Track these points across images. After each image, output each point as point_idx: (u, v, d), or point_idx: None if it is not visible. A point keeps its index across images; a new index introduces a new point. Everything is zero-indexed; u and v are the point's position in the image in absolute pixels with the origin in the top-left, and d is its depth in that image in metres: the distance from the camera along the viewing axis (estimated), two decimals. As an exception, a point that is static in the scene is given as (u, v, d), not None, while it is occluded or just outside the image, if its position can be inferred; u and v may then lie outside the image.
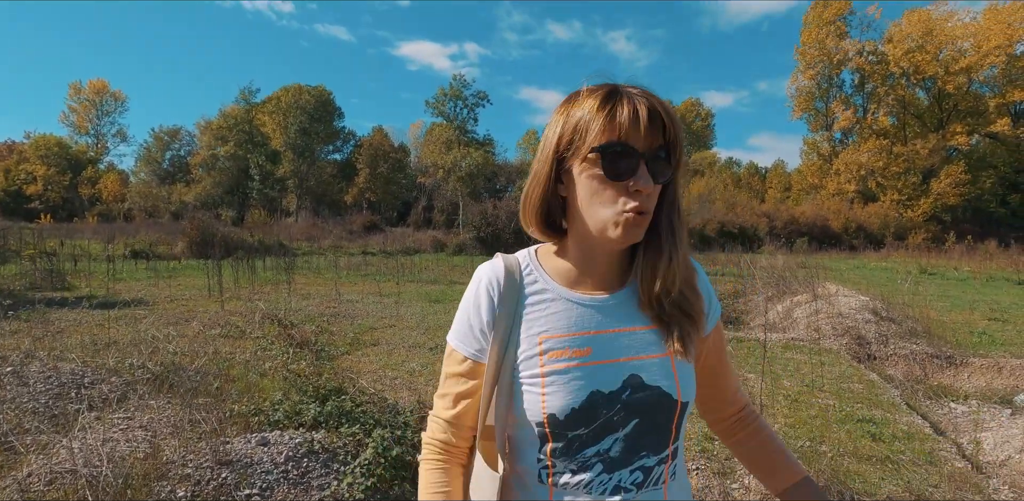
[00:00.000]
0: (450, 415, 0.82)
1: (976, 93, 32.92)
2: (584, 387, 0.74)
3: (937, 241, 26.11)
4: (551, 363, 0.75)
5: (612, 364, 0.76)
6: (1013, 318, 7.61)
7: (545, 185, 0.77)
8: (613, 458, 0.75)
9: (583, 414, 0.73)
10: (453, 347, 0.82)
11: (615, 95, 0.72)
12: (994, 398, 4.65)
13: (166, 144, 49.98)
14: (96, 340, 4.57)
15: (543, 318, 0.78)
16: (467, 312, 0.82)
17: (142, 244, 17.19)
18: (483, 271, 0.83)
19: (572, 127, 0.74)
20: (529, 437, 0.77)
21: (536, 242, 0.87)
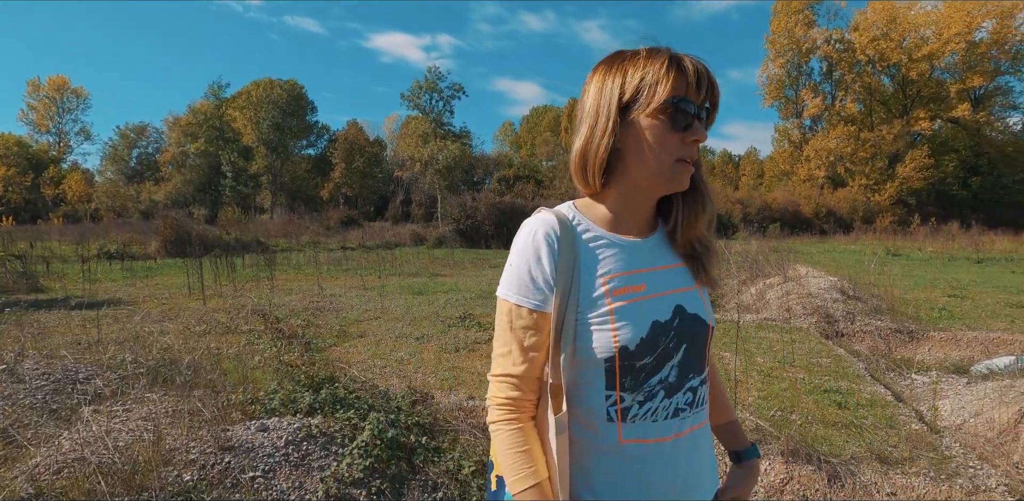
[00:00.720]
0: (520, 370, 0.83)
1: (938, 79, 33.92)
2: (646, 318, 0.83)
3: (903, 224, 27.01)
4: (617, 300, 0.83)
5: (663, 296, 0.87)
6: (971, 294, 8.02)
7: (612, 136, 0.83)
8: (671, 383, 0.85)
9: (649, 343, 0.82)
10: (515, 302, 0.83)
11: (677, 58, 0.82)
12: (952, 368, 4.95)
13: (133, 142, 48.68)
14: (80, 339, 4.57)
15: (602, 260, 0.85)
16: (526, 265, 0.83)
17: (115, 244, 16.85)
18: (535, 224, 0.85)
19: (638, 82, 0.81)
20: (594, 378, 0.83)
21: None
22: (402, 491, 2.51)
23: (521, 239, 0.85)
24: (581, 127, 0.86)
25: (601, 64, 0.87)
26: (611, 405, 0.83)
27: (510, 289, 0.84)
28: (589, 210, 0.90)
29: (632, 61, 0.83)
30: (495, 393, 0.86)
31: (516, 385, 0.84)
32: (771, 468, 2.63)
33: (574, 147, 0.88)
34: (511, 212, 20.53)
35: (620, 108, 0.82)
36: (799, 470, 2.58)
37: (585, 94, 0.87)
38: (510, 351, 0.84)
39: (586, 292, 0.83)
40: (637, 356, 0.81)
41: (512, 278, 0.84)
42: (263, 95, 42.64)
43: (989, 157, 33.85)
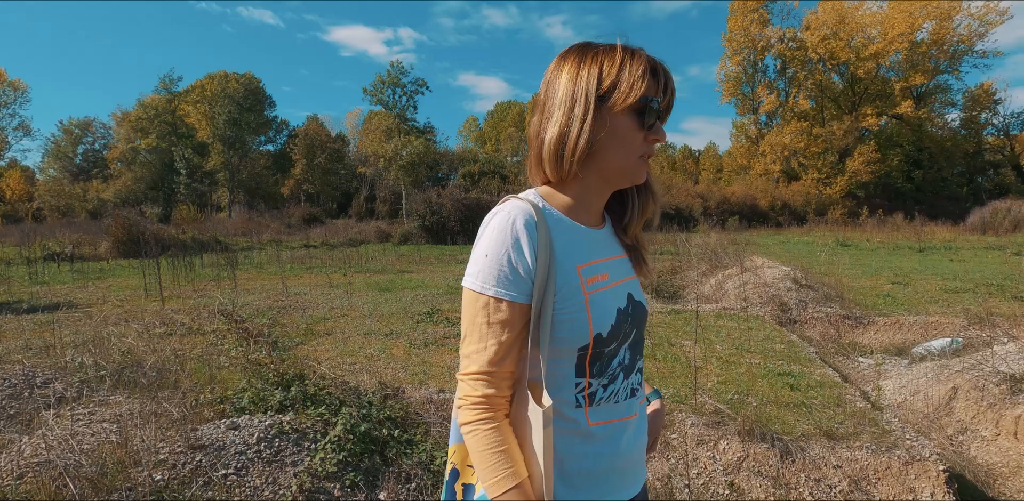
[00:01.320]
0: (497, 368, 0.81)
1: (883, 77, 35.47)
2: (613, 306, 0.87)
3: (853, 215, 28.23)
4: (591, 288, 0.85)
5: (620, 285, 0.91)
6: (912, 281, 8.51)
7: (592, 127, 0.83)
8: (627, 365, 0.91)
9: (616, 328, 0.86)
10: (493, 295, 0.80)
11: (652, 60, 0.85)
12: (894, 351, 5.28)
13: (77, 138, 46.42)
14: (32, 343, 4.41)
15: (574, 249, 0.86)
16: (506, 254, 0.80)
17: (61, 245, 16.09)
18: (514, 210, 0.82)
19: (615, 76, 0.82)
20: (565, 368, 0.84)
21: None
22: (376, 483, 2.56)
23: (497, 227, 0.81)
24: (554, 113, 0.85)
25: (573, 52, 0.87)
26: (579, 392, 0.85)
27: (487, 281, 0.80)
28: (552, 199, 0.90)
29: (608, 55, 0.84)
30: (468, 392, 0.82)
31: (492, 382, 0.81)
32: (728, 447, 2.78)
33: (548, 133, 0.86)
34: (476, 208, 20.54)
35: (597, 99, 0.83)
36: (754, 448, 2.75)
37: (555, 80, 0.87)
38: (486, 347, 0.81)
39: (563, 281, 0.82)
40: (607, 342, 0.84)
41: (489, 269, 0.80)
42: (218, 89, 41.22)
43: (930, 152, 35.70)
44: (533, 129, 0.90)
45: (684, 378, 3.80)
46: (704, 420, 3.02)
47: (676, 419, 3.06)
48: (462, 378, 0.83)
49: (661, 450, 2.85)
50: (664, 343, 4.89)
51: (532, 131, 0.91)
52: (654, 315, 6.23)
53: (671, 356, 4.45)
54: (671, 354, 4.52)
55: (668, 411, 3.19)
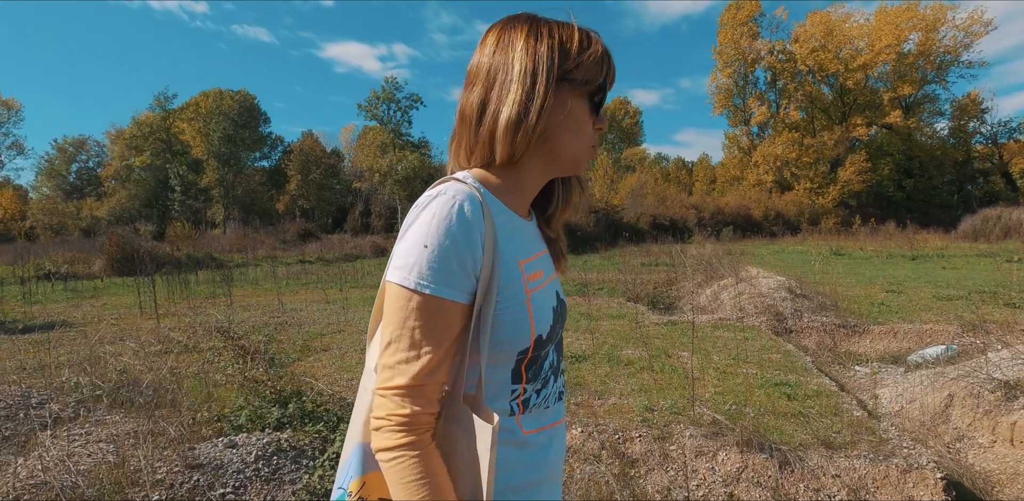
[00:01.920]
0: (426, 378, 0.69)
1: (872, 88, 36.02)
2: (549, 304, 0.80)
3: (846, 224, 28.44)
4: (532, 286, 0.77)
5: (551, 282, 0.85)
6: (906, 289, 8.56)
7: (552, 107, 0.75)
8: (555, 367, 0.85)
9: (553, 329, 0.80)
10: (432, 293, 0.68)
11: (603, 44, 0.80)
12: (890, 359, 5.31)
13: (71, 156, 46.38)
14: (24, 364, 4.38)
15: (514, 242, 0.78)
16: (451, 245, 0.68)
17: (55, 264, 16.01)
18: (458, 195, 0.71)
19: (579, 57, 0.76)
20: (502, 374, 0.76)
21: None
22: None
23: (439, 212, 0.69)
24: (509, 87, 0.75)
25: (522, 22, 0.79)
26: (514, 399, 0.78)
27: (424, 276, 0.67)
28: (488, 184, 0.79)
29: (566, 31, 0.78)
30: (390, 411, 0.68)
31: (421, 398, 0.69)
32: (727, 458, 2.79)
33: (505, 109, 0.74)
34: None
35: (558, 78, 0.75)
36: (753, 459, 2.75)
37: (504, 51, 0.77)
38: (418, 356, 0.68)
39: (507, 278, 0.73)
40: (545, 344, 0.78)
41: (428, 262, 0.67)
42: (213, 106, 41.41)
43: (920, 161, 36.14)
44: (474, 102, 0.77)
45: (682, 389, 3.81)
46: (703, 431, 3.02)
47: (675, 431, 3.06)
48: (383, 393, 0.69)
49: (660, 462, 2.85)
50: (661, 354, 4.89)
51: (473, 104, 0.77)
52: (651, 327, 6.25)
53: (668, 367, 4.46)
54: (668, 365, 4.52)
55: (667, 422, 3.19)
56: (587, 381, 4.09)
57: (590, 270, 11.84)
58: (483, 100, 0.77)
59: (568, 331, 6.05)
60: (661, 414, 3.35)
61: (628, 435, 3.05)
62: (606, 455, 2.89)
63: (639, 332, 5.77)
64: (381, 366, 0.70)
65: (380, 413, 0.69)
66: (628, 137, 54.48)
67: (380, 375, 0.71)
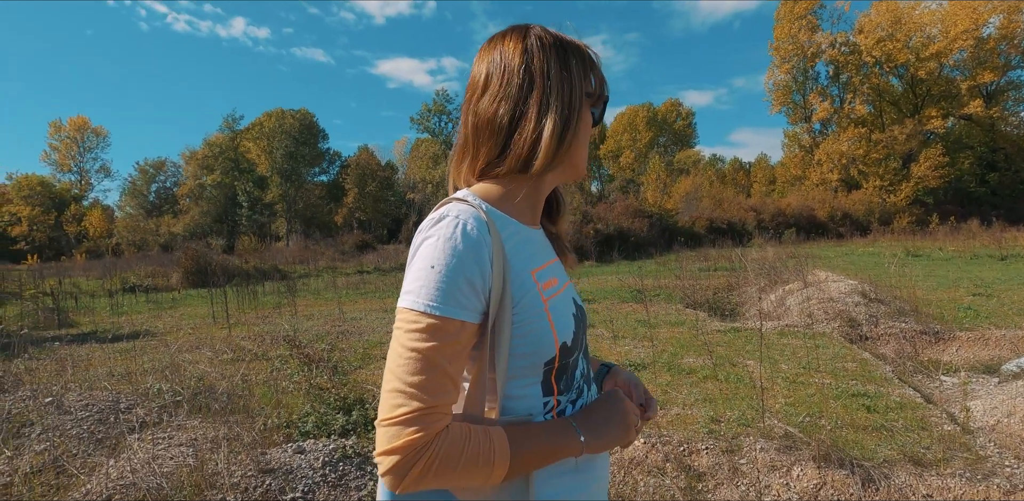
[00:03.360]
0: (436, 400, 0.64)
1: (948, 77, 33.70)
2: (568, 311, 0.80)
3: (921, 224, 26.63)
4: (548, 294, 0.77)
5: (567, 288, 0.85)
6: (996, 292, 7.89)
7: (580, 125, 0.79)
8: (586, 375, 0.84)
9: (576, 336, 0.79)
10: (442, 315, 0.65)
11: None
12: (981, 368, 4.88)
13: (151, 177, 49.99)
14: (113, 371, 4.71)
15: (525, 253, 0.78)
16: (458, 266, 0.67)
17: (138, 277, 17.24)
18: (462, 215, 0.71)
19: (590, 74, 0.81)
20: (532, 387, 0.75)
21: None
22: (438, 508, 2.56)
23: (444, 234, 0.68)
24: (551, 103, 0.75)
25: (550, 38, 0.79)
26: (548, 412, 0.75)
27: (434, 298, 0.66)
28: (492, 198, 0.79)
29: (579, 50, 0.81)
30: (404, 439, 0.61)
31: (430, 420, 0.63)
32: (803, 473, 2.63)
33: (550, 123, 0.75)
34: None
35: (584, 94, 0.80)
36: (832, 475, 2.58)
37: (539, 64, 0.77)
38: (428, 380, 0.64)
39: (520, 290, 0.72)
40: (571, 351, 0.77)
41: (436, 284, 0.66)
42: (275, 125, 43.72)
43: (1006, 153, 33.38)
44: (502, 111, 0.76)
45: (749, 400, 3.64)
46: (774, 444, 2.87)
47: (744, 443, 2.92)
48: (388, 425, 0.63)
49: (729, 476, 2.72)
50: (725, 363, 4.71)
51: (501, 113, 0.76)
52: (713, 334, 6.03)
53: (734, 377, 4.28)
54: (734, 374, 4.34)
55: (735, 434, 3.05)
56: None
57: (645, 276, 11.59)
58: (516, 110, 0.76)
59: (626, 339, 5.92)
60: (728, 425, 3.21)
61: (694, 447, 2.93)
62: (671, 468, 2.79)
63: (700, 339, 5.58)
64: (386, 393, 0.64)
65: (389, 445, 0.62)
66: (681, 139, 53.27)
67: (385, 403, 0.64)
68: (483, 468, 0.65)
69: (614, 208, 23.78)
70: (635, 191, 41.48)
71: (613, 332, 6.22)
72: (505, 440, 0.67)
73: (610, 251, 19.39)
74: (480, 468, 0.65)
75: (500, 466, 0.66)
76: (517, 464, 0.67)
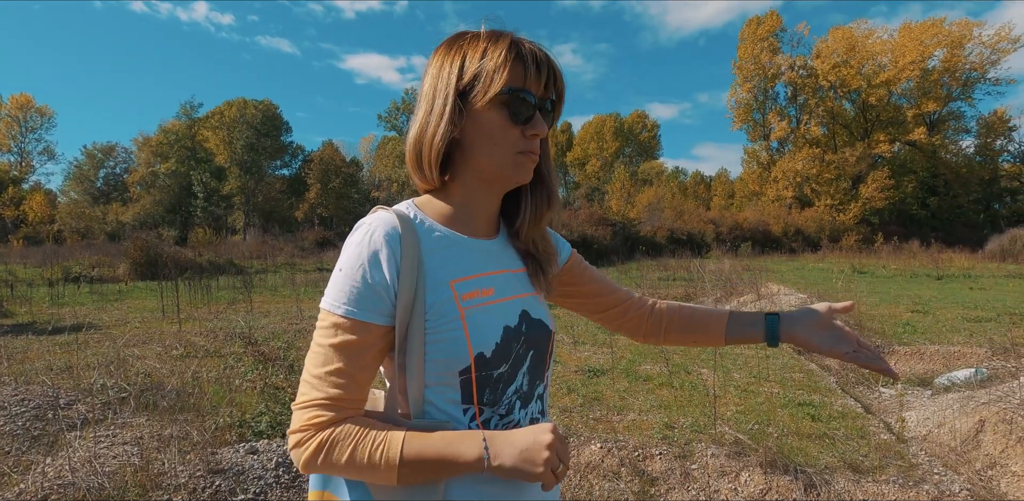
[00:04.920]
0: (344, 393, 0.69)
1: (895, 104, 35.65)
2: (498, 323, 0.77)
3: (867, 242, 27.97)
4: (467, 305, 0.76)
5: (510, 301, 0.82)
6: (932, 309, 8.37)
7: (449, 124, 0.75)
8: (524, 392, 0.80)
9: (503, 349, 0.76)
10: (343, 314, 0.70)
11: (518, 44, 0.76)
12: (916, 381, 5.17)
13: (100, 162, 47.64)
14: (52, 364, 4.47)
15: (448, 262, 0.77)
16: (362, 270, 0.71)
17: (81, 267, 16.38)
18: (375, 223, 0.74)
19: (476, 67, 0.74)
20: (448, 392, 0.74)
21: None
22: (393, 511, 2.54)
23: (356, 241, 0.73)
24: (417, 113, 0.79)
25: (442, 45, 0.80)
26: (471, 420, 0.75)
27: (338, 298, 0.71)
28: (430, 208, 0.82)
29: (472, 44, 0.76)
30: (306, 421, 0.68)
31: (336, 408, 0.69)
32: (750, 479, 2.73)
33: (409, 134, 0.79)
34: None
35: (458, 94, 0.75)
36: (777, 480, 2.69)
37: (424, 76, 0.80)
38: (332, 372, 0.69)
39: (434, 298, 0.73)
40: (493, 364, 0.75)
41: (343, 286, 0.71)
42: (236, 115, 42.39)
43: (945, 178, 35.52)
44: (408, 129, 0.82)
45: (702, 407, 3.75)
46: (725, 450, 2.97)
47: (696, 449, 3.01)
48: (299, 408, 0.69)
49: (681, 481, 2.80)
50: (681, 371, 4.84)
51: (405, 132, 0.83)
52: (669, 342, 6.18)
53: (688, 384, 4.40)
54: (688, 382, 4.47)
55: (688, 440, 3.14)
56: (605, 396, 4.06)
57: (607, 283, 11.76)
58: (408, 128, 0.82)
59: (585, 344, 6.01)
60: (681, 432, 3.30)
61: (648, 452, 3.00)
62: (625, 472, 2.85)
63: (658, 347, 5.71)
64: (301, 382, 0.71)
65: (296, 425, 0.69)
66: (646, 150, 54.45)
67: (299, 390, 0.71)
68: (369, 464, 0.67)
69: (579, 215, 24.08)
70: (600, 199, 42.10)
71: (574, 337, 6.30)
72: (400, 443, 0.68)
73: (573, 257, 19.57)
74: (369, 465, 0.67)
75: (387, 466, 0.67)
76: (409, 469, 0.67)
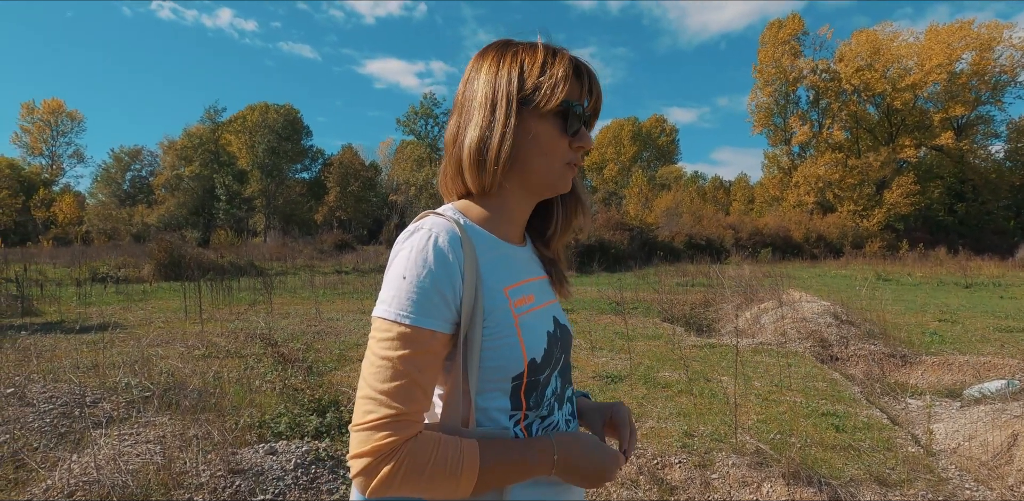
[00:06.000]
0: (407, 406, 0.66)
1: (921, 108, 34.90)
2: (542, 329, 0.79)
3: (892, 249, 27.39)
4: (520, 311, 0.77)
5: (545, 307, 0.84)
6: (960, 319, 8.15)
7: (515, 131, 0.75)
8: (559, 394, 0.83)
9: (548, 354, 0.78)
10: (412, 323, 0.67)
11: (575, 60, 0.79)
12: (945, 392, 5.03)
13: (127, 165, 48.80)
14: (79, 363, 4.56)
15: (498, 269, 0.78)
16: (428, 276, 0.69)
17: (108, 267, 16.75)
18: (435, 228, 0.73)
19: (536, 77, 0.76)
20: (500, 400, 0.74)
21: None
22: (410, 515, 2.53)
23: (417, 245, 0.71)
24: (473, 115, 0.77)
25: (492, 50, 0.80)
26: (515, 425, 0.76)
27: (404, 308, 0.68)
28: (474, 213, 0.81)
29: (529, 53, 0.78)
30: (376, 443, 0.64)
31: (403, 425, 0.66)
32: (772, 490, 2.67)
33: (467, 137, 0.77)
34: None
35: (519, 102, 0.76)
36: (800, 492, 2.63)
37: (474, 80, 0.79)
38: (400, 387, 0.66)
39: (491, 304, 0.73)
40: (541, 369, 0.76)
41: (408, 294, 0.68)
42: (259, 119, 43.15)
43: (973, 184, 34.63)
44: (450, 133, 0.81)
45: (723, 415, 3.69)
46: (746, 460, 2.91)
47: (716, 458, 2.96)
48: (359, 430, 0.65)
49: (701, 490, 2.75)
50: (700, 378, 4.77)
51: (449, 135, 0.81)
52: (689, 349, 6.10)
53: (708, 392, 4.34)
54: (708, 390, 4.40)
55: (708, 449, 3.09)
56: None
57: (625, 288, 11.69)
58: (455, 130, 0.80)
59: (604, 350, 5.96)
60: (701, 440, 3.25)
61: (667, 461, 2.96)
62: (644, 481, 2.81)
63: (677, 354, 5.64)
64: (361, 399, 0.67)
65: (362, 448, 0.64)
66: (664, 155, 54.08)
67: (358, 409, 0.67)
68: (450, 477, 0.66)
69: (596, 220, 23.97)
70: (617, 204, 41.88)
71: (591, 343, 6.25)
72: (476, 452, 0.68)
73: (591, 262, 19.51)
74: (448, 477, 0.66)
75: (468, 477, 0.67)
76: (487, 477, 0.68)
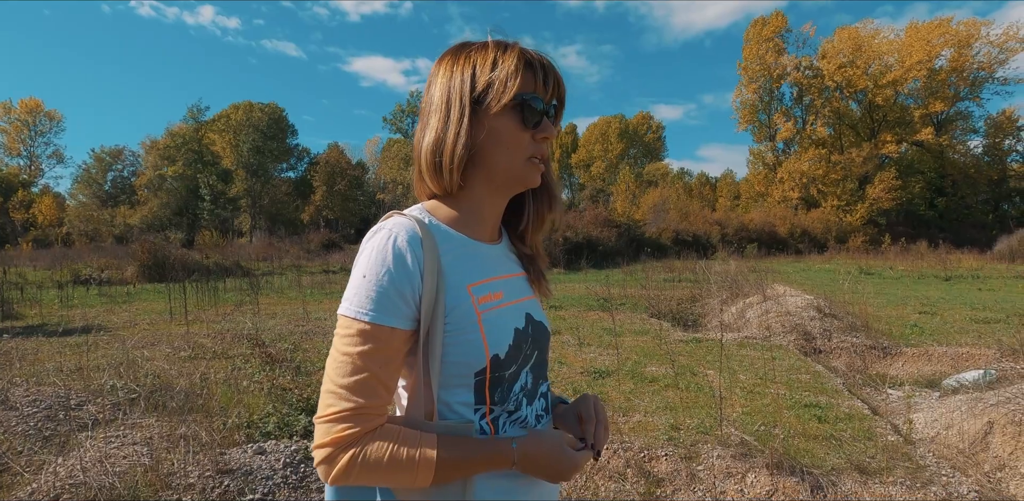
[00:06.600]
0: (368, 400, 0.69)
1: (902, 104, 35.43)
2: (509, 325, 0.81)
3: (874, 243, 27.81)
4: (484, 308, 0.78)
5: (517, 304, 0.85)
6: (940, 311, 8.32)
7: (468, 131, 0.77)
8: (529, 390, 0.84)
9: (514, 350, 0.79)
10: (371, 321, 0.70)
11: (526, 53, 0.79)
12: (924, 383, 5.15)
13: (108, 165, 48.00)
14: (63, 366, 4.51)
15: (464, 267, 0.79)
16: (387, 276, 0.71)
17: (90, 269, 16.50)
18: (396, 228, 0.75)
19: (488, 75, 0.77)
20: (463, 395, 0.76)
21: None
22: (400, 511, 2.55)
23: (377, 246, 0.73)
24: (430, 120, 0.80)
25: (447, 54, 0.82)
26: (481, 418, 0.78)
27: (364, 305, 0.70)
28: (441, 213, 0.83)
29: (481, 53, 0.79)
30: (335, 434, 0.68)
31: (363, 419, 0.69)
32: (757, 480, 2.73)
33: (424, 142, 0.80)
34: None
35: (472, 101, 0.77)
36: (783, 482, 2.69)
37: (432, 86, 0.82)
38: (359, 382, 0.69)
39: (453, 301, 0.75)
40: (505, 365, 0.78)
41: (367, 292, 0.71)
42: (243, 118, 42.66)
43: (953, 179, 35.27)
44: (416, 138, 0.84)
45: (708, 408, 3.75)
46: (731, 452, 2.96)
47: (702, 451, 3.01)
48: (321, 422, 0.69)
49: (687, 482, 2.80)
50: (687, 372, 4.83)
51: (415, 141, 0.84)
52: (676, 344, 6.17)
53: (694, 385, 4.40)
54: (694, 383, 4.46)
55: (694, 442, 3.14)
56: (611, 397, 4.06)
57: (612, 284, 11.77)
58: (419, 136, 0.83)
59: (591, 346, 6.01)
60: (687, 433, 3.30)
61: (654, 453, 3.01)
62: (631, 473, 2.86)
63: (664, 349, 5.70)
64: (325, 393, 0.71)
65: (324, 439, 0.68)
66: (650, 152, 54.35)
67: (321, 402, 0.71)
68: (407, 469, 0.69)
69: (584, 217, 24.06)
70: (605, 201, 42.06)
71: (579, 339, 6.30)
72: (434, 446, 0.70)
73: (578, 259, 19.59)
74: (404, 469, 0.69)
75: (424, 470, 0.69)
76: (444, 471, 0.71)
